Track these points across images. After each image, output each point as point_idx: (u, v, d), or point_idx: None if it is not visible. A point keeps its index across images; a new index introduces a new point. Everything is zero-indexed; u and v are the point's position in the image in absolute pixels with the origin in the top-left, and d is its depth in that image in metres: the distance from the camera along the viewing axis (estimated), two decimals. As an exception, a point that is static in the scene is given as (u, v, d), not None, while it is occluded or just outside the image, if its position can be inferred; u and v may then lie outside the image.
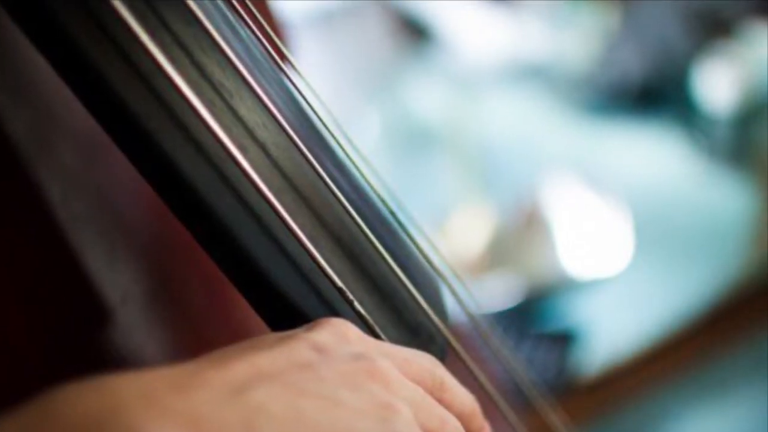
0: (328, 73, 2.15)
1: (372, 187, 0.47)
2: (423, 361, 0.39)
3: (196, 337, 0.45)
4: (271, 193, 0.37)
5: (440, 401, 0.39)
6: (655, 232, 1.84)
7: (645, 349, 1.68)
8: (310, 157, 0.40)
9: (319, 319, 0.37)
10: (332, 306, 0.39)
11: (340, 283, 0.39)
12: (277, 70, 0.44)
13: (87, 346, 0.39)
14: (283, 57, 0.45)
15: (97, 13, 0.33)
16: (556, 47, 2.30)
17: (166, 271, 0.44)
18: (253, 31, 0.43)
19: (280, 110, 0.39)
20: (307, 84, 0.46)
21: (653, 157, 2.07)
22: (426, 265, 0.49)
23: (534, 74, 2.31)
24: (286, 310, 0.38)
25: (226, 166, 0.36)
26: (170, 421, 0.29)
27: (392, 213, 0.48)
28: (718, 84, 1.94)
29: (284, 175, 0.39)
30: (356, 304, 0.40)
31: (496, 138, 2.15)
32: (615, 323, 1.71)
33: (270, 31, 0.45)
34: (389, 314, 0.43)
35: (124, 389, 0.29)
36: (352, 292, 0.40)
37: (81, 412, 0.28)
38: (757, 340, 1.72)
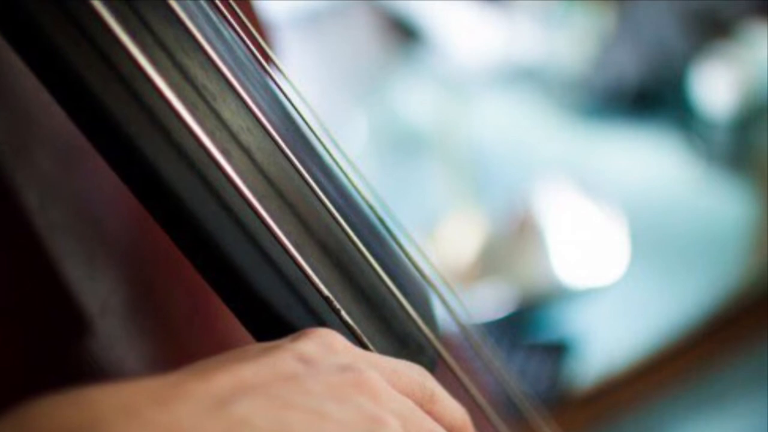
0: (314, 76, 2.16)
1: (360, 193, 0.47)
2: (412, 373, 0.39)
3: (178, 348, 0.45)
4: (256, 200, 0.37)
5: (430, 414, 0.38)
6: (651, 239, 1.84)
7: (641, 360, 1.69)
8: (296, 162, 0.39)
9: (306, 329, 0.37)
10: (319, 316, 0.39)
11: (326, 292, 0.39)
12: (262, 72, 0.44)
13: (65, 358, 0.39)
14: (268, 59, 0.45)
15: (76, 13, 0.32)
16: (549, 48, 2.30)
17: (147, 280, 0.43)
18: (237, 33, 0.43)
19: (265, 114, 0.39)
20: (293, 87, 0.46)
21: (650, 161, 2.08)
22: (416, 273, 0.49)
23: (527, 76, 2.31)
24: (272, 319, 0.38)
25: (209, 172, 0.36)
26: None
27: (381, 220, 0.47)
28: (716, 86, 1.94)
29: (269, 181, 0.38)
30: (343, 313, 0.40)
31: (487, 142, 2.16)
32: (610, 333, 1.71)
33: (255, 33, 0.45)
34: (377, 324, 0.42)
35: (104, 401, 0.29)
36: (339, 302, 0.40)
37: (59, 425, 0.28)
38: (756, 350, 1.72)
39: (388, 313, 0.43)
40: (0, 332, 0.36)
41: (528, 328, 1.70)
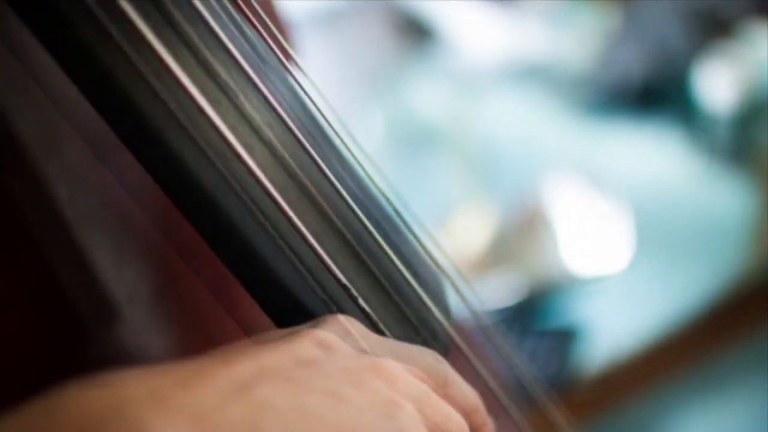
0: (331, 73, 2.13)
1: (376, 186, 0.48)
2: (427, 358, 0.40)
3: (202, 334, 0.45)
4: (277, 191, 0.37)
5: (444, 397, 0.39)
6: (655, 231, 1.85)
7: (646, 347, 1.70)
8: (315, 155, 0.40)
9: (324, 316, 0.38)
10: (337, 302, 0.40)
11: (344, 280, 0.40)
12: (283, 69, 0.44)
13: (95, 344, 0.39)
14: (288, 56, 0.45)
15: (104, 11, 0.33)
16: (556, 47, 2.30)
17: (171, 269, 0.43)
18: (258, 31, 0.43)
19: (285, 109, 0.39)
20: (312, 83, 0.46)
21: (654, 156, 2.08)
22: (429, 262, 0.49)
23: (535, 74, 2.31)
24: (291, 306, 0.39)
25: (232, 165, 0.36)
26: (177, 417, 0.29)
27: (396, 211, 0.48)
28: (718, 84, 1.94)
29: (290, 174, 0.39)
30: (360, 300, 0.41)
31: (497, 137, 2.16)
32: (616, 321, 1.72)
33: (275, 31, 0.45)
34: (393, 311, 0.43)
35: (130, 387, 0.29)
36: (356, 289, 0.40)
37: (87, 409, 0.28)
38: (757, 339, 1.73)
39: (404, 301, 0.44)
40: (32, 319, 0.37)
41: (537, 316, 1.71)
